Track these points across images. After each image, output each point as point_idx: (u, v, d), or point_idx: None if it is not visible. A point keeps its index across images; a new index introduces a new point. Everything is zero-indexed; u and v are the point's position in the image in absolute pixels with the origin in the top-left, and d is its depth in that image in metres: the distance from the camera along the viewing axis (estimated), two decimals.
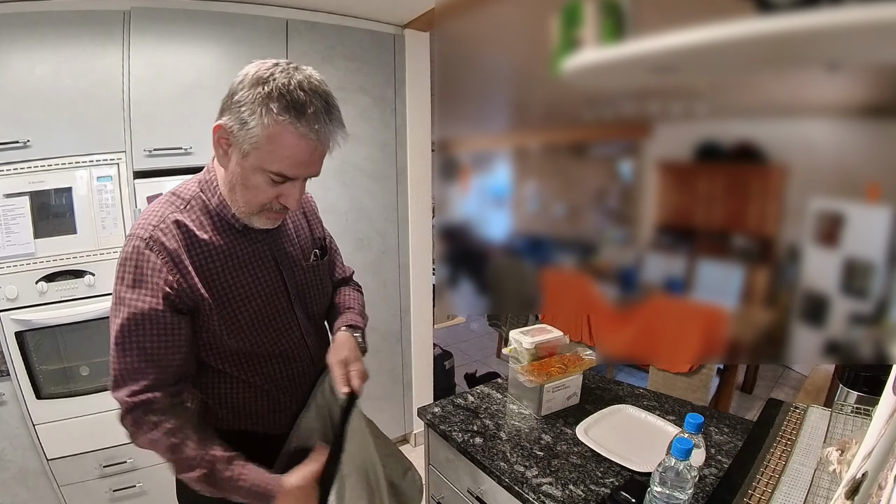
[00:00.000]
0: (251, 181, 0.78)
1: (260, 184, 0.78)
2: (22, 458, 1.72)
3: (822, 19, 0.74)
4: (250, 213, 0.83)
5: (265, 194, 0.80)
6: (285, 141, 0.74)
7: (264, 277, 0.89)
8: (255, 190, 0.79)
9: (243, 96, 0.73)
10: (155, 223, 0.80)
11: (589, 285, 1.43)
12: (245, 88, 0.74)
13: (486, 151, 1.86)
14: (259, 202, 0.81)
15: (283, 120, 0.72)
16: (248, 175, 0.78)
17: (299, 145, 0.74)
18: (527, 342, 1.31)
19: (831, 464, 0.81)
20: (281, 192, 0.80)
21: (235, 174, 0.79)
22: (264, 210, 0.83)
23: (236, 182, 0.80)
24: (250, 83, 0.74)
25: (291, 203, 0.82)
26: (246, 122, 0.73)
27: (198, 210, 0.84)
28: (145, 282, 0.78)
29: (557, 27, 1.09)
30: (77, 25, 1.58)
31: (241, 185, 0.80)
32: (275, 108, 0.72)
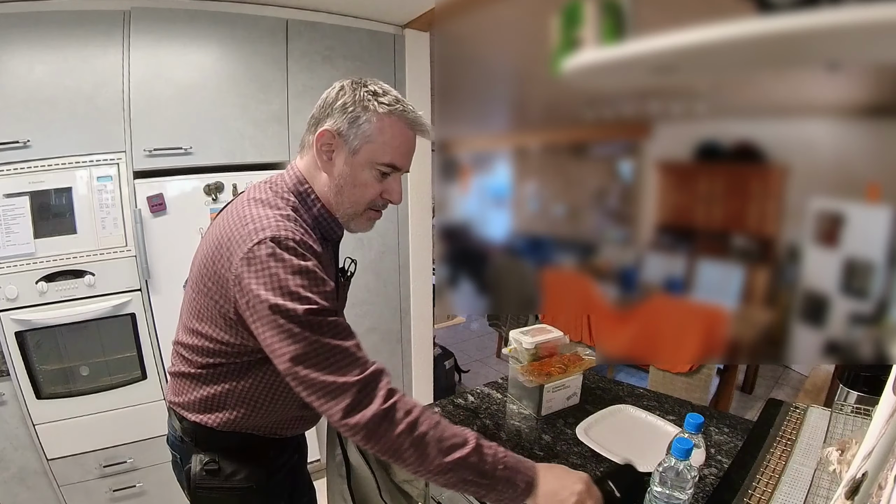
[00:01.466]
0: (360, 178, 0.82)
1: (369, 180, 0.83)
2: (22, 458, 1.72)
3: (822, 19, 0.74)
4: (356, 213, 0.86)
5: (373, 190, 0.84)
6: (396, 131, 0.81)
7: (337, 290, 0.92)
8: (364, 187, 0.83)
9: (348, 99, 0.79)
10: (293, 227, 0.76)
11: (589, 285, 1.43)
12: (347, 93, 0.80)
13: (486, 151, 1.86)
14: (367, 199, 0.85)
15: (395, 110, 0.80)
16: (358, 172, 0.82)
17: (407, 135, 0.82)
18: (527, 342, 1.30)
19: (831, 464, 0.81)
20: (385, 188, 0.85)
21: (344, 174, 0.83)
22: (368, 210, 0.87)
23: (344, 183, 0.83)
24: (350, 89, 0.81)
25: (396, 197, 0.86)
26: (357, 118, 0.79)
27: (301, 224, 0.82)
28: (318, 281, 0.73)
29: (557, 27, 1.09)
30: (77, 25, 1.58)
31: (350, 185, 0.83)
32: (385, 101, 0.79)
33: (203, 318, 0.82)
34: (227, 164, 1.87)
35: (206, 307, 0.80)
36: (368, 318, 2.32)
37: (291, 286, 0.70)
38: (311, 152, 0.84)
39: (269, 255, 0.71)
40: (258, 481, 0.90)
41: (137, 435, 1.85)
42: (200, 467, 0.90)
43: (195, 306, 0.83)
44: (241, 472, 0.90)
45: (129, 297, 1.76)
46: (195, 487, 0.91)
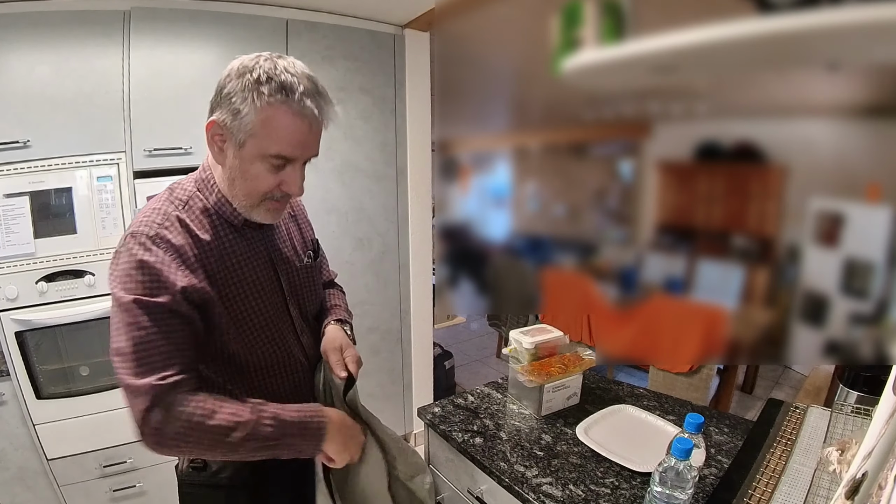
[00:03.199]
0: (251, 171, 0.79)
1: (260, 172, 0.79)
2: (22, 458, 1.72)
3: (822, 19, 0.74)
4: (252, 205, 0.83)
5: (266, 182, 0.80)
6: (281, 121, 0.75)
7: (261, 276, 0.89)
8: (256, 180, 0.80)
9: (232, 87, 0.75)
10: (159, 221, 0.79)
11: (589, 285, 1.43)
12: (232, 80, 0.75)
13: (486, 151, 1.86)
14: (261, 192, 0.81)
15: (276, 100, 0.73)
16: (247, 166, 0.78)
17: (295, 124, 0.76)
18: (527, 342, 1.31)
19: (831, 464, 0.81)
20: (282, 179, 0.81)
21: (234, 168, 0.80)
22: (265, 200, 0.83)
23: (235, 176, 0.80)
24: (236, 74, 0.75)
25: (294, 189, 0.82)
26: (239, 111, 0.74)
27: (197, 210, 0.84)
28: (155, 277, 0.75)
29: (557, 27, 1.09)
30: (77, 25, 1.58)
31: (241, 178, 0.80)
32: (266, 91, 0.73)
33: None
34: None
35: None
36: (368, 318, 2.32)
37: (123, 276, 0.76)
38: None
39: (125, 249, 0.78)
40: (244, 478, 0.89)
41: (137, 435, 1.85)
42: (187, 464, 0.90)
43: None
44: (227, 469, 0.89)
45: None
46: (181, 483, 0.91)
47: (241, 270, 0.86)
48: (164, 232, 0.78)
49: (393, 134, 2.27)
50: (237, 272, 0.86)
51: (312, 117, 0.76)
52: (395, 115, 2.26)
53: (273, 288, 0.92)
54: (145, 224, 0.78)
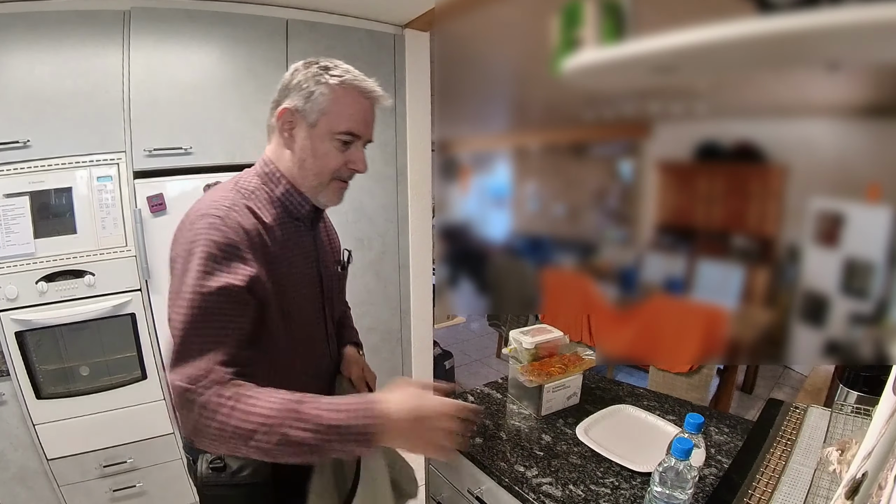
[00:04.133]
0: (321, 149, 0.85)
1: (330, 150, 0.86)
2: (22, 458, 1.72)
3: (822, 19, 0.74)
4: (322, 184, 0.89)
5: (335, 160, 0.86)
6: (350, 99, 0.84)
7: (308, 272, 0.93)
8: (326, 157, 0.86)
9: (301, 77, 0.84)
10: (228, 205, 0.81)
11: (589, 285, 1.43)
12: (300, 72, 0.84)
13: (486, 151, 1.86)
14: (331, 169, 0.87)
15: (345, 80, 0.84)
16: (318, 144, 0.85)
17: (362, 102, 0.86)
18: (527, 342, 1.30)
19: (831, 464, 0.81)
20: (348, 158, 0.87)
21: (304, 148, 0.86)
22: (334, 180, 0.89)
23: (306, 156, 0.86)
24: (303, 67, 0.85)
25: (360, 165, 0.89)
26: (312, 93, 0.83)
27: (262, 200, 0.87)
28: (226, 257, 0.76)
29: (557, 27, 1.08)
30: (77, 25, 1.58)
31: (312, 157, 0.86)
32: (336, 73, 0.84)
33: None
34: (227, 164, 1.87)
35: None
36: (368, 318, 2.32)
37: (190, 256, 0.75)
38: (275, 134, 0.88)
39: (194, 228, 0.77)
40: (265, 476, 0.90)
41: (137, 435, 1.85)
42: (206, 466, 0.89)
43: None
44: (247, 468, 0.89)
45: (129, 297, 1.76)
46: (202, 486, 0.91)
47: (295, 264, 0.90)
48: (234, 215, 0.80)
49: (393, 134, 2.27)
50: (292, 265, 0.89)
51: (374, 97, 0.87)
52: (395, 115, 2.26)
53: (315, 287, 0.96)
54: (214, 207, 0.80)
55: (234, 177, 0.92)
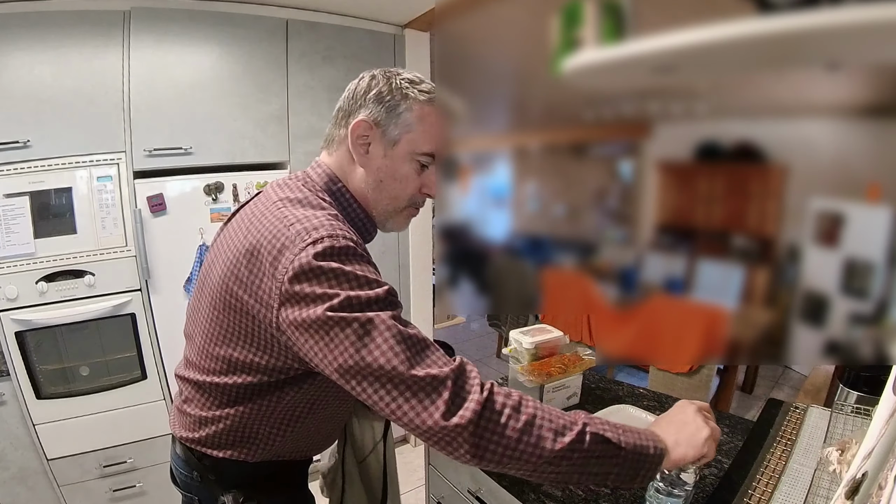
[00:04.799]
0: (401, 171, 0.77)
1: (409, 173, 0.78)
2: (22, 458, 1.72)
3: (822, 19, 0.74)
4: (395, 209, 0.81)
5: (413, 184, 0.79)
6: (435, 119, 0.76)
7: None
8: (405, 181, 0.78)
9: (384, 88, 0.75)
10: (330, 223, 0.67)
11: (589, 285, 1.43)
12: (381, 82, 0.76)
13: (486, 151, 1.86)
14: (408, 194, 0.80)
15: (430, 98, 0.76)
16: (399, 165, 0.77)
17: (441, 123, 0.78)
18: (527, 342, 1.30)
19: (831, 464, 0.81)
20: (422, 182, 0.80)
21: (383, 168, 0.77)
22: (408, 207, 0.82)
23: (384, 177, 0.78)
24: (384, 77, 0.76)
25: (433, 189, 0.81)
26: (396, 106, 0.74)
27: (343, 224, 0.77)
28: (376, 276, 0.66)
29: (557, 27, 1.08)
30: (77, 25, 1.58)
31: (391, 178, 0.78)
32: (423, 89, 0.76)
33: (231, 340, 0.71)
34: (227, 164, 1.87)
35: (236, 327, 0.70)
36: None
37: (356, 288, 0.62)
38: (343, 147, 0.78)
39: (328, 256, 0.62)
40: None
41: (137, 435, 1.85)
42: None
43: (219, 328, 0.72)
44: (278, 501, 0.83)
45: (129, 297, 1.76)
46: None
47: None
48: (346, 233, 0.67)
49: None
50: None
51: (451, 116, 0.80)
52: None
53: None
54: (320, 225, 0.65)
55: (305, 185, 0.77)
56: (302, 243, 0.62)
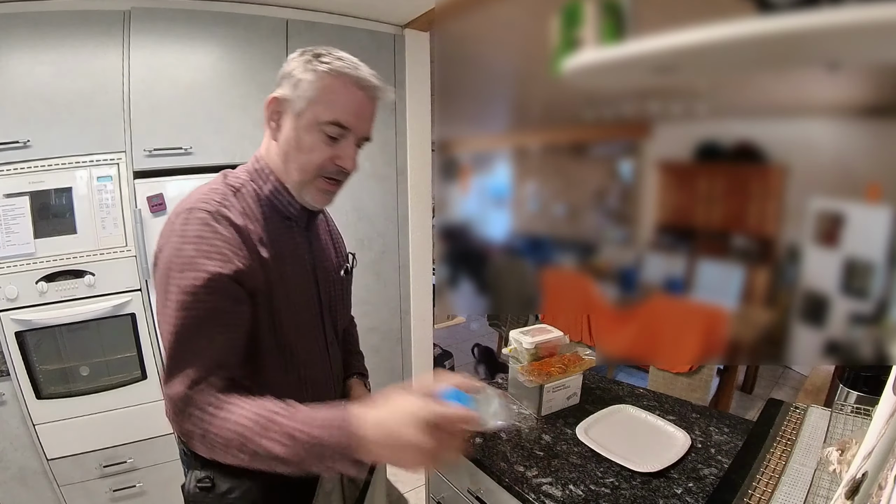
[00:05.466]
0: (305, 141, 0.79)
1: (315, 142, 0.79)
2: (22, 458, 1.72)
3: (822, 19, 0.74)
4: (305, 181, 0.82)
5: (320, 154, 0.80)
6: (341, 88, 0.78)
7: (302, 277, 0.88)
8: (311, 151, 0.79)
9: (293, 65, 0.79)
10: (219, 199, 0.77)
11: (589, 285, 1.43)
12: (294, 59, 0.80)
13: (486, 151, 1.86)
14: (315, 164, 0.80)
15: (335, 68, 0.77)
16: (303, 135, 0.79)
17: (355, 94, 0.79)
18: (527, 342, 1.31)
19: (831, 464, 0.81)
20: (336, 153, 0.80)
21: (289, 139, 0.80)
22: (318, 178, 0.82)
23: (290, 148, 0.80)
24: (298, 55, 0.80)
25: (348, 163, 0.81)
26: (300, 81, 0.77)
27: (248, 198, 0.82)
28: (216, 251, 0.72)
29: (557, 27, 1.08)
30: (77, 25, 1.58)
31: (296, 149, 0.80)
32: (326, 61, 0.77)
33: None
34: (227, 164, 1.84)
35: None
36: (368, 318, 2.32)
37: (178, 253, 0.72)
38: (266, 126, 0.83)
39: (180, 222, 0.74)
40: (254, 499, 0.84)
41: (137, 435, 1.85)
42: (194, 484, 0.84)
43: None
44: (236, 489, 0.83)
45: (129, 297, 1.76)
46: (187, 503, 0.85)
47: (285, 266, 0.84)
48: (225, 210, 0.76)
49: (393, 134, 2.27)
50: (282, 267, 0.83)
51: (368, 88, 0.80)
52: (395, 114, 2.25)
53: (311, 292, 0.90)
54: (203, 201, 0.75)
55: (223, 172, 0.87)
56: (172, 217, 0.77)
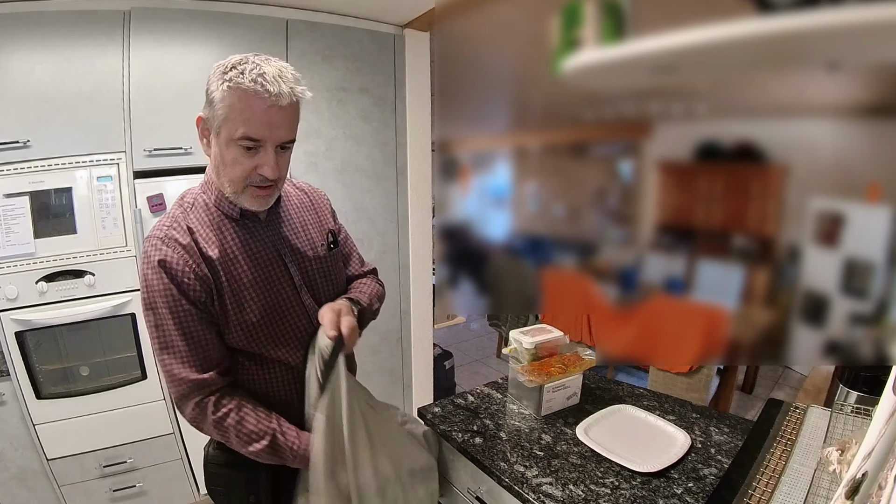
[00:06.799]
0: (227, 157, 0.84)
1: (236, 157, 0.83)
2: (22, 458, 1.72)
3: (822, 19, 0.74)
4: (236, 191, 0.87)
5: (241, 166, 0.84)
6: (242, 102, 0.79)
7: (266, 267, 0.92)
8: (234, 165, 0.84)
9: (211, 84, 0.82)
10: (168, 224, 0.88)
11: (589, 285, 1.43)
12: (210, 77, 0.83)
13: (486, 151, 1.86)
14: (239, 176, 0.85)
15: (235, 84, 0.78)
16: (224, 152, 0.83)
17: (255, 104, 0.79)
18: (527, 342, 1.31)
19: (831, 464, 0.81)
20: (257, 163, 0.84)
21: (216, 155, 0.86)
22: (248, 186, 0.86)
23: (218, 163, 0.86)
24: (212, 72, 0.83)
25: (268, 171, 0.84)
26: (213, 101, 0.81)
27: (200, 209, 0.90)
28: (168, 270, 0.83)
29: (557, 27, 1.08)
30: (77, 25, 1.58)
31: (222, 165, 0.85)
32: (228, 77, 0.79)
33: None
34: None
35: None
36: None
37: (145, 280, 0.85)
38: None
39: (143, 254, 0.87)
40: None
41: (137, 435, 1.85)
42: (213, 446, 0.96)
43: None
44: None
45: (129, 297, 1.76)
46: (206, 464, 0.97)
47: (242, 262, 0.90)
48: (173, 233, 0.86)
49: (393, 134, 2.27)
50: (238, 264, 0.89)
51: (272, 96, 0.79)
52: (395, 115, 2.26)
53: (281, 279, 0.94)
54: (157, 228, 0.88)
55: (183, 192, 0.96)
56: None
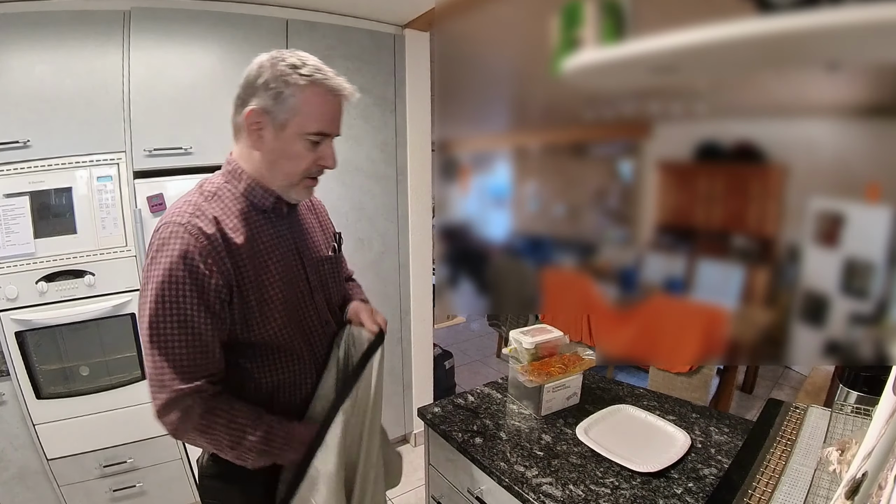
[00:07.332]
0: (292, 150, 0.85)
1: (301, 151, 0.85)
2: (22, 458, 1.72)
3: (822, 19, 0.74)
4: (292, 184, 0.89)
5: (306, 160, 0.86)
6: (319, 99, 0.83)
7: (287, 263, 0.92)
8: (298, 158, 0.86)
9: (269, 76, 0.81)
10: (191, 211, 0.83)
11: (589, 285, 1.43)
12: (266, 70, 0.82)
13: (486, 151, 1.86)
14: (302, 169, 0.87)
15: (315, 79, 0.82)
16: (288, 146, 0.84)
17: (331, 101, 0.85)
18: (527, 342, 1.31)
19: (831, 464, 0.81)
20: (319, 155, 0.87)
21: (275, 150, 0.85)
22: (304, 178, 0.89)
23: (276, 157, 0.86)
24: (269, 65, 0.82)
25: (330, 162, 0.89)
26: (281, 94, 0.81)
27: (226, 199, 0.88)
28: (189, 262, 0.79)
29: (557, 27, 1.08)
30: (77, 25, 1.58)
31: (283, 158, 0.86)
32: (304, 73, 0.81)
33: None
34: None
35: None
36: None
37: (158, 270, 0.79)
38: (242, 133, 0.87)
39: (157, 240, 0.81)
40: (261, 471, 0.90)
41: (137, 435, 1.85)
42: (207, 457, 0.94)
43: None
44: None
45: (129, 297, 1.76)
46: (201, 476, 0.94)
47: (268, 255, 0.89)
48: (196, 221, 0.82)
49: (393, 134, 2.27)
50: (264, 257, 0.89)
51: (342, 94, 0.86)
52: (395, 115, 2.26)
53: (298, 276, 0.94)
54: (178, 214, 0.82)
55: (201, 180, 0.92)
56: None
